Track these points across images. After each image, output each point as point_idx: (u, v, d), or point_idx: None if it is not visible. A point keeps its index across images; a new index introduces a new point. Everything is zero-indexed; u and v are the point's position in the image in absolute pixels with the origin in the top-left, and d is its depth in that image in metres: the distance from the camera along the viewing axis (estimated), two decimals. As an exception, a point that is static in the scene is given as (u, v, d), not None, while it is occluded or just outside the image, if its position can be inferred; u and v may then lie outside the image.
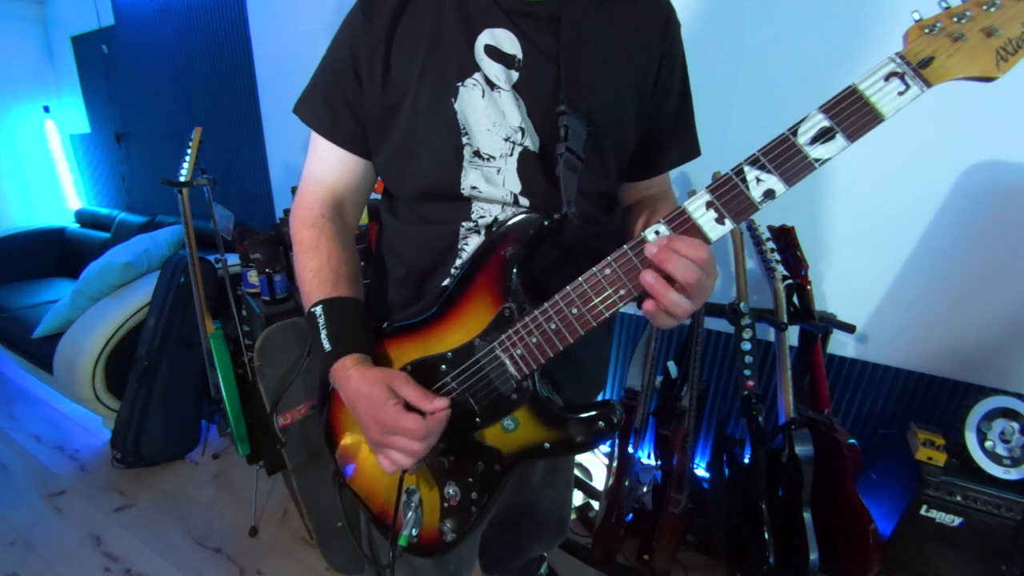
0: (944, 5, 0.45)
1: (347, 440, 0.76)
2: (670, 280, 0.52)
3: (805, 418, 1.33)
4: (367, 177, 0.76)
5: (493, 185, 0.65)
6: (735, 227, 0.53)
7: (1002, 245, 1.26)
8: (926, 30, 0.45)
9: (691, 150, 0.76)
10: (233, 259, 1.83)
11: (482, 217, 0.66)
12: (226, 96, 2.58)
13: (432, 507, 0.70)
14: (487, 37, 0.62)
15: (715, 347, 1.74)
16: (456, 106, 0.63)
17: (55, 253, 3.19)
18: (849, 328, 1.37)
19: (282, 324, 1.44)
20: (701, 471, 1.77)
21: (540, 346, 0.60)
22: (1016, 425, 1.19)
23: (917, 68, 0.45)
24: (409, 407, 0.60)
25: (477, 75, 0.62)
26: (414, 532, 0.69)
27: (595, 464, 1.89)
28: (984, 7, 0.44)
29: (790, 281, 1.40)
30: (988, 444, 1.22)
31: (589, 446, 0.65)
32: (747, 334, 1.40)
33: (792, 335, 1.45)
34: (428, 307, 0.68)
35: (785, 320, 1.38)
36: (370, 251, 1.73)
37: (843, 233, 1.43)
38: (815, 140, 0.47)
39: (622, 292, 0.56)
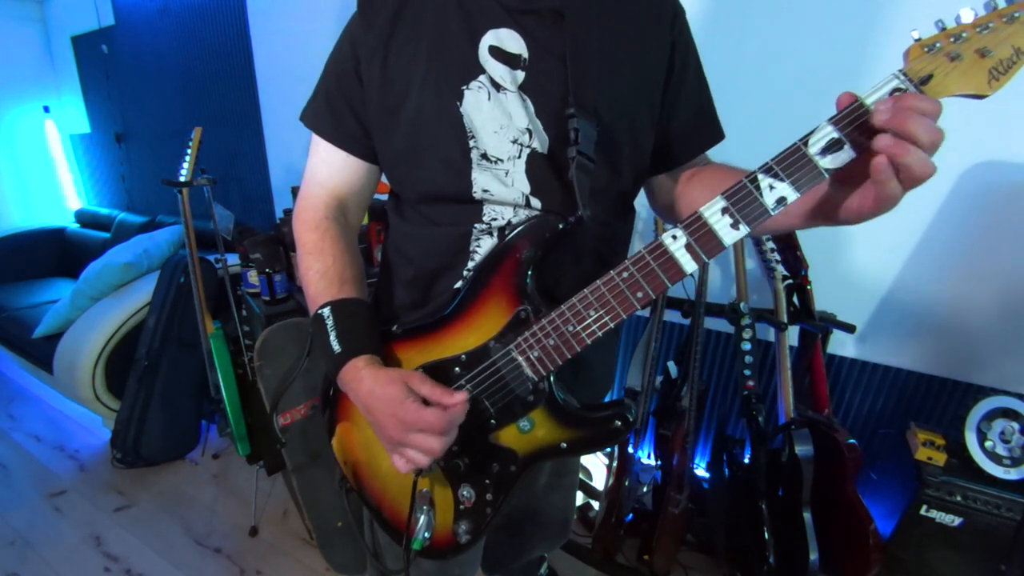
0: (941, 26, 0.48)
1: (354, 443, 0.76)
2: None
3: (805, 418, 1.33)
4: (370, 179, 0.75)
5: (504, 186, 0.64)
6: (749, 232, 0.53)
7: (1002, 245, 1.26)
8: (926, 49, 0.48)
9: (716, 134, 0.74)
10: (233, 259, 1.83)
11: (494, 219, 0.66)
12: (226, 96, 2.58)
13: (446, 509, 0.70)
14: (491, 38, 0.62)
15: (715, 347, 1.74)
16: (462, 109, 0.62)
17: (55, 253, 3.19)
18: (849, 328, 1.38)
19: (282, 324, 1.44)
20: (701, 471, 1.77)
21: (557, 348, 0.60)
22: (1016, 425, 1.19)
23: (918, 85, 0.47)
24: (427, 404, 0.60)
25: (482, 77, 0.62)
26: (427, 535, 0.69)
27: (595, 464, 1.89)
28: (978, 29, 0.46)
29: (790, 281, 1.40)
30: (988, 444, 1.22)
31: (605, 445, 0.65)
32: (747, 334, 1.40)
33: (792, 335, 1.45)
34: (440, 309, 0.68)
35: (785, 320, 1.38)
36: (370, 251, 1.73)
37: (843, 233, 1.44)
38: (825, 151, 0.49)
39: (639, 295, 0.57)
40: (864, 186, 0.48)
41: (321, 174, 0.73)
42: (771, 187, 0.51)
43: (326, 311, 0.66)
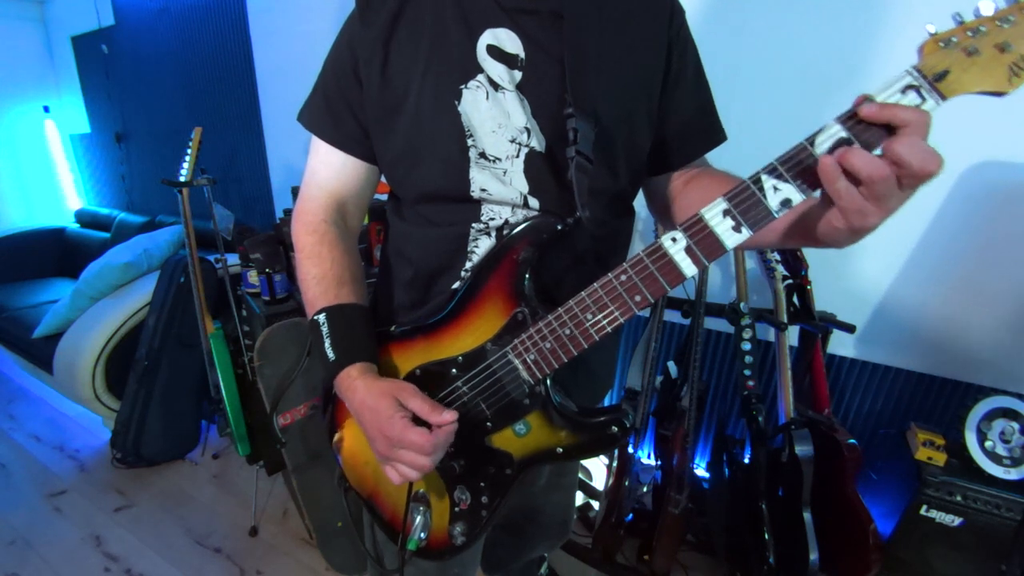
0: (959, 19, 0.45)
1: (352, 443, 0.76)
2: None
3: (805, 418, 1.33)
4: (370, 180, 0.75)
5: (503, 186, 0.64)
6: (752, 235, 0.51)
7: (1002, 245, 1.26)
8: (941, 44, 0.45)
9: (716, 135, 0.73)
10: (233, 259, 1.83)
11: (492, 219, 0.66)
12: (226, 96, 2.58)
13: (441, 511, 0.70)
14: (489, 37, 0.62)
15: (715, 347, 1.74)
16: (460, 108, 0.62)
17: (55, 253, 3.19)
18: (849, 328, 1.37)
19: (282, 324, 1.44)
20: (701, 471, 1.77)
21: (554, 351, 0.60)
22: (1016, 425, 1.19)
23: (933, 81, 0.44)
24: (417, 420, 0.60)
25: (480, 76, 0.62)
26: (423, 536, 0.68)
27: (595, 464, 1.89)
28: (998, 23, 0.44)
29: (790, 281, 1.40)
30: (988, 444, 1.22)
31: (601, 451, 0.64)
32: (747, 334, 1.40)
33: (792, 335, 1.45)
34: (438, 310, 0.68)
35: (785, 320, 1.38)
36: (370, 251, 1.73)
37: (843, 233, 1.43)
38: (833, 151, 0.46)
39: (637, 298, 0.56)
40: None
41: (320, 176, 0.73)
42: (775, 188, 0.49)
43: (321, 317, 0.66)
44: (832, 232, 0.48)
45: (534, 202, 0.65)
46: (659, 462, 1.62)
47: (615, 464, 1.52)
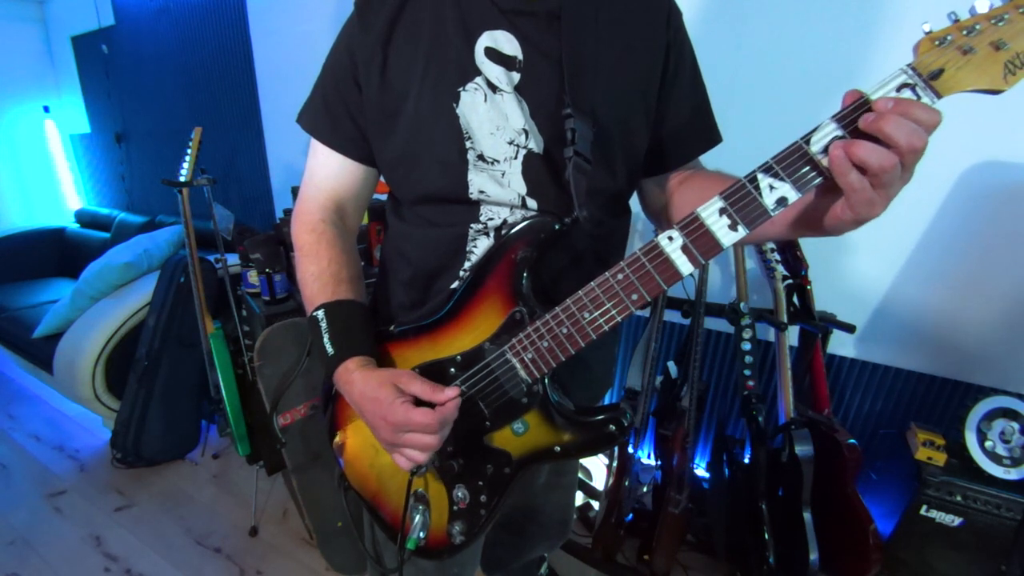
0: (954, 18, 0.45)
1: (352, 442, 0.76)
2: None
3: (805, 418, 1.33)
4: (368, 182, 0.76)
5: (501, 187, 0.64)
6: (748, 233, 0.52)
7: (1002, 245, 1.26)
8: (936, 42, 0.45)
9: (711, 137, 0.73)
10: (233, 259, 1.83)
11: (491, 219, 0.66)
12: (226, 96, 2.58)
13: (440, 510, 0.70)
14: (487, 39, 0.62)
15: (715, 347, 1.74)
16: (458, 111, 0.62)
17: (55, 253, 3.19)
18: (849, 328, 1.37)
19: (282, 324, 1.44)
20: (701, 471, 1.77)
21: (551, 350, 0.60)
22: (1016, 425, 1.19)
23: (928, 80, 0.45)
24: (419, 403, 0.60)
25: (479, 79, 0.62)
26: (422, 535, 0.69)
27: (595, 464, 1.89)
28: (993, 21, 0.44)
29: (790, 281, 1.40)
30: (988, 444, 1.21)
31: (599, 450, 0.64)
32: (747, 334, 1.40)
33: (792, 335, 1.45)
34: (437, 309, 0.68)
35: (785, 320, 1.38)
36: (370, 251, 1.73)
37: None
38: (827, 150, 0.47)
39: (634, 297, 0.56)
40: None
41: (319, 177, 0.73)
42: (771, 187, 0.49)
43: (320, 313, 0.67)
44: (836, 223, 0.49)
45: (532, 203, 0.65)
46: (659, 462, 1.61)
47: (615, 464, 1.52)
